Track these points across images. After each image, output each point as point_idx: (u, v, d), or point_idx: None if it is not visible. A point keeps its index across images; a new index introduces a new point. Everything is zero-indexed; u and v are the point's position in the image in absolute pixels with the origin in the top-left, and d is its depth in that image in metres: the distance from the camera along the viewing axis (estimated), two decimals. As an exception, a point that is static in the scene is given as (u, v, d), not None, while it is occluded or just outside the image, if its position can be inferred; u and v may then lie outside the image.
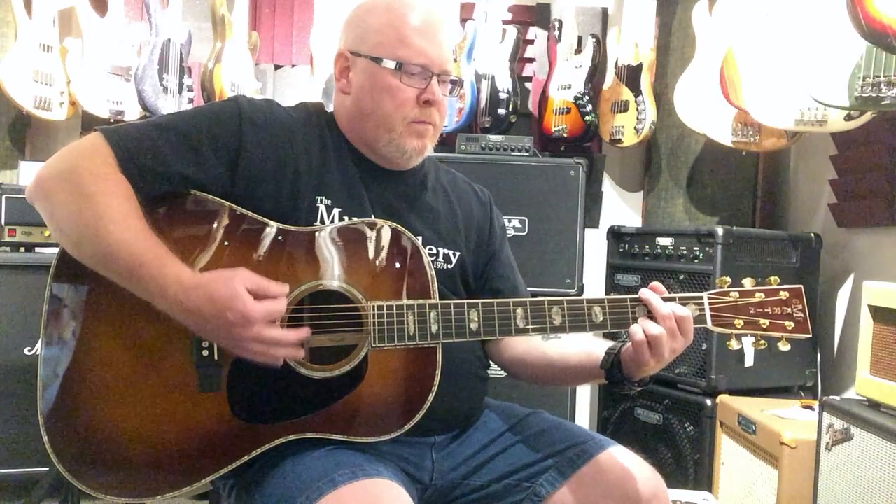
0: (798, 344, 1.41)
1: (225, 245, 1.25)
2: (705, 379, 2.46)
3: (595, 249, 3.06)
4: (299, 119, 1.37)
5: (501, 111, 3.15)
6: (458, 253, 1.45)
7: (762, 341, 1.32)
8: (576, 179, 2.60)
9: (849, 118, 2.37)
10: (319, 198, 1.32)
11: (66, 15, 3.14)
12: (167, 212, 1.25)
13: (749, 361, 2.48)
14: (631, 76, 3.14)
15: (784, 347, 1.31)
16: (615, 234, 2.89)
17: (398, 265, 1.29)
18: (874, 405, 1.83)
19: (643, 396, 2.66)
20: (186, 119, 1.29)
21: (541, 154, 2.86)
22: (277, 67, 3.48)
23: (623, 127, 3.15)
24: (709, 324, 1.30)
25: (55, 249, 1.24)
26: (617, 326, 1.29)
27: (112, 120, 3.01)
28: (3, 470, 2.34)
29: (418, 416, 1.25)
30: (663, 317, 1.25)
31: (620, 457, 1.34)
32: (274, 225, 1.27)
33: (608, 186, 3.49)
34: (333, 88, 1.46)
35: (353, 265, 1.27)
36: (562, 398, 2.54)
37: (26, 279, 2.36)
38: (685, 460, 2.51)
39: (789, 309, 1.31)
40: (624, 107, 3.14)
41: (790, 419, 2.17)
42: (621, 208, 3.48)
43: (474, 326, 1.27)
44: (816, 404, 2.04)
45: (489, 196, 1.59)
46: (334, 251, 1.27)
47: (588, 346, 1.37)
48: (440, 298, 1.29)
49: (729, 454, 2.36)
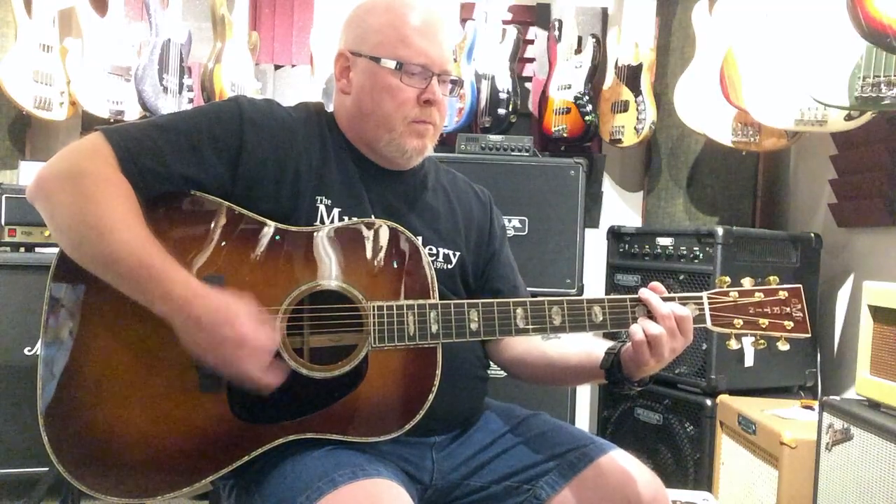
0: (798, 344, 1.41)
1: (224, 245, 1.25)
2: (705, 379, 2.46)
3: (595, 249, 3.06)
4: (299, 119, 1.37)
5: (501, 111, 3.15)
6: (458, 253, 1.45)
7: (761, 341, 1.32)
8: (576, 179, 2.60)
9: (849, 118, 2.38)
10: (319, 198, 1.32)
11: (66, 15, 3.14)
12: (167, 212, 1.25)
13: (749, 361, 2.49)
14: (631, 76, 3.14)
15: (783, 347, 1.31)
16: (615, 234, 2.89)
17: (398, 265, 1.29)
18: (874, 405, 1.83)
19: (643, 396, 2.66)
20: (187, 119, 1.29)
21: (541, 154, 2.86)
22: (277, 67, 3.48)
23: (623, 127, 3.15)
24: (708, 323, 1.30)
25: (55, 249, 1.23)
26: (617, 326, 1.29)
27: (112, 120, 3.01)
28: (3, 470, 2.35)
29: (418, 416, 1.25)
30: (663, 316, 1.25)
31: (621, 460, 1.34)
32: (273, 225, 1.26)
33: (608, 186, 3.49)
34: (333, 88, 1.46)
35: (353, 265, 1.27)
36: (562, 398, 2.54)
37: (26, 279, 2.36)
38: (685, 460, 2.52)
39: (788, 308, 1.31)
40: (624, 107, 3.15)
41: (790, 419, 2.17)
42: (621, 208, 3.48)
43: (474, 326, 1.27)
44: (816, 404, 2.05)
45: (489, 196, 1.59)
46: (334, 251, 1.27)
47: (588, 346, 1.37)
48: (440, 298, 1.29)
49: (729, 454, 2.36)
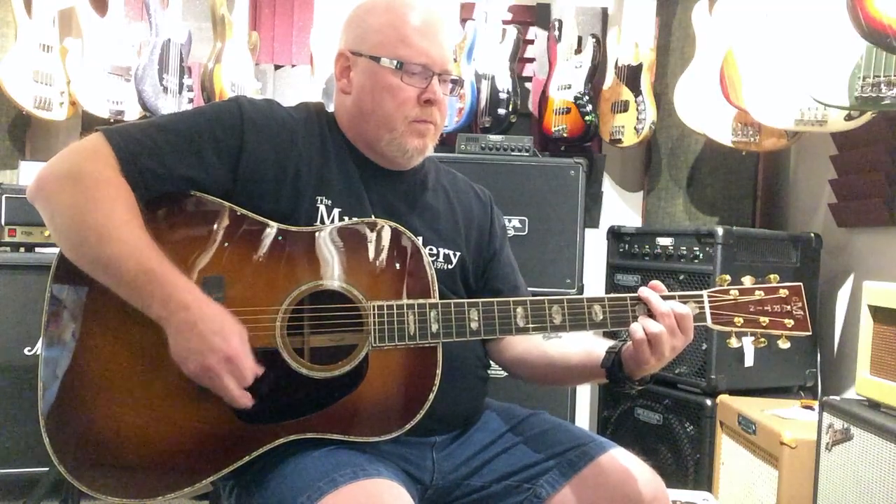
0: (798, 344, 1.41)
1: (225, 246, 1.25)
2: (705, 379, 2.46)
3: (595, 249, 3.06)
4: (300, 119, 1.37)
5: (501, 111, 3.15)
6: (459, 253, 1.45)
7: (762, 339, 1.32)
8: (576, 179, 2.60)
9: (849, 118, 2.37)
10: (319, 198, 1.32)
11: (66, 15, 3.14)
12: (168, 213, 1.25)
13: (749, 361, 2.48)
14: (631, 76, 3.14)
15: (784, 345, 1.31)
16: (615, 234, 2.89)
17: (398, 265, 1.29)
18: (874, 405, 1.83)
19: (643, 396, 2.66)
20: (187, 120, 1.29)
21: (541, 154, 2.86)
22: (277, 67, 3.48)
23: (623, 127, 3.15)
24: (709, 322, 1.30)
25: (55, 249, 1.23)
26: (617, 325, 1.29)
27: (112, 120, 3.01)
28: (3, 470, 2.34)
29: (419, 416, 1.25)
30: (663, 314, 1.25)
31: (621, 459, 1.34)
32: (274, 225, 1.27)
33: (608, 186, 3.49)
34: (334, 88, 1.46)
35: (354, 265, 1.27)
36: (562, 398, 2.54)
37: (26, 279, 2.36)
38: (685, 460, 2.51)
39: (789, 307, 1.31)
40: (624, 107, 3.15)
41: (790, 419, 2.17)
42: (621, 208, 3.48)
43: (474, 326, 1.27)
44: (816, 404, 2.05)
45: (489, 196, 1.59)
46: (334, 251, 1.27)
47: (589, 346, 1.37)
48: (440, 298, 1.29)
49: (729, 454, 2.36)
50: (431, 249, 1.40)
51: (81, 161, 1.20)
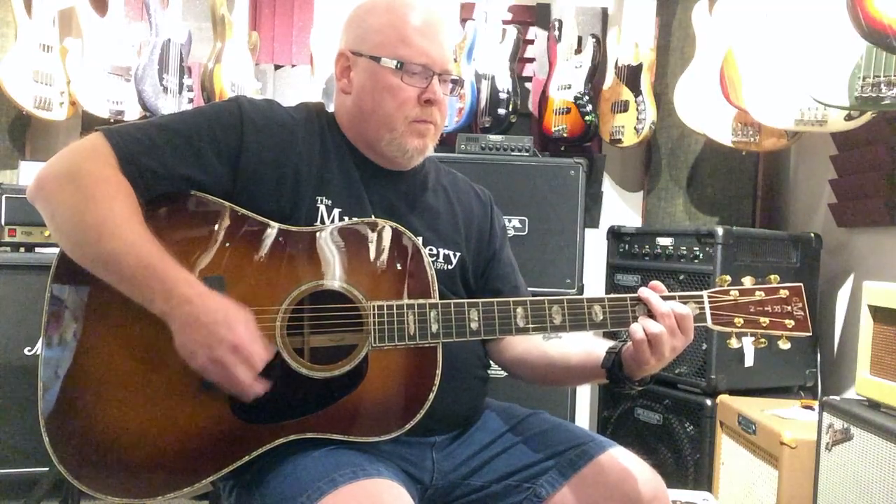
0: (798, 344, 1.41)
1: (226, 246, 1.25)
2: (705, 379, 2.46)
3: (595, 249, 3.06)
4: (300, 119, 1.37)
5: (501, 111, 3.15)
6: (459, 253, 1.45)
7: (762, 339, 1.32)
8: (576, 179, 2.60)
9: (849, 118, 2.38)
10: (320, 198, 1.32)
11: (66, 15, 3.14)
12: (168, 213, 1.25)
13: (749, 361, 2.48)
14: (631, 76, 3.14)
15: (784, 346, 1.31)
16: (615, 234, 2.89)
17: (398, 265, 1.29)
18: (874, 405, 1.83)
19: (643, 396, 2.66)
20: (187, 120, 1.29)
21: (541, 154, 2.86)
22: (277, 67, 3.48)
23: (623, 127, 3.15)
24: (709, 322, 1.30)
25: (55, 249, 1.23)
26: (617, 325, 1.29)
27: (112, 120, 3.01)
28: (3, 470, 2.34)
29: (419, 416, 1.25)
30: (663, 315, 1.25)
31: (621, 458, 1.34)
32: (274, 225, 1.27)
33: (608, 186, 3.49)
34: (334, 88, 1.46)
35: (354, 265, 1.27)
36: (562, 398, 2.54)
37: (26, 279, 2.36)
38: (685, 460, 2.52)
39: (789, 307, 1.31)
40: (624, 107, 3.15)
41: (790, 419, 2.17)
42: (621, 208, 3.48)
43: (474, 326, 1.27)
44: (816, 404, 2.05)
45: (490, 196, 1.59)
46: (335, 251, 1.27)
47: (589, 346, 1.37)
48: (440, 299, 1.28)
49: (729, 454, 2.36)
50: (431, 250, 1.40)
51: (81, 160, 1.20)
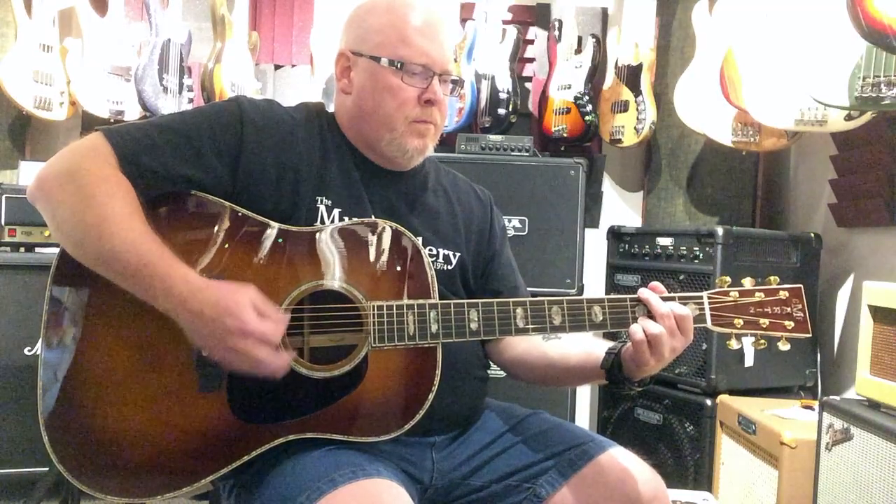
0: (798, 344, 1.41)
1: (226, 246, 1.25)
2: (705, 379, 2.46)
3: (595, 249, 3.06)
4: (300, 119, 1.37)
5: (501, 111, 3.15)
6: (458, 254, 1.45)
7: (762, 341, 1.32)
8: (576, 179, 2.60)
9: (849, 118, 2.38)
10: (319, 198, 1.32)
11: (66, 15, 3.14)
12: (168, 212, 1.25)
13: (749, 361, 2.48)
14: (631, 76, 3.14)
15: (784, 347, 1.31)
16: (615, 234, 2.89)
17: (398, 265, 1.29)
18: (874, 405, 1.83)
19: (643, 396, 2.66)
20: (187, 119, 1.29)
21: (541, 154, 2.86)
22: (277, 67, 3.48)
23: (623, 127, 3.15)
24: (708, 323, 1.30)
25: (55, 249, 1.24)
26: (617, 326, 1.29)
27: (112, 120, 3.02)
28: (3, 470, 2.34)
29: (418, 416, 1.25)
30: (662, 315, 1.25)
31: (621, 458, 1.34)
32: (274, 225, 1.27)
33: (608, 186, 3.49)
34: (334, 88, 1.46)
35: (354, 265, 1.27)
36: (562, 398, 2.54)
37: (26, 279, 2.36)
38: (685, 460, 2.52)
39: (789, 308, 1.31)
40: (624, 107, 3.15)
41: (790, 419, 2.17)
42: (621, 208, 3.48)
43: (474, 326, 1.27)
44: (816, 404, 2.04)
45: (489, 197, 1.59)
46: (334, 251, 1.27)
47: (588, 347, 1.37)
48: (440, 299, 1.28)
49: (729, 454, 2.36)
50: (431, 250, 1.40)
51: (81, 159, 1.20)
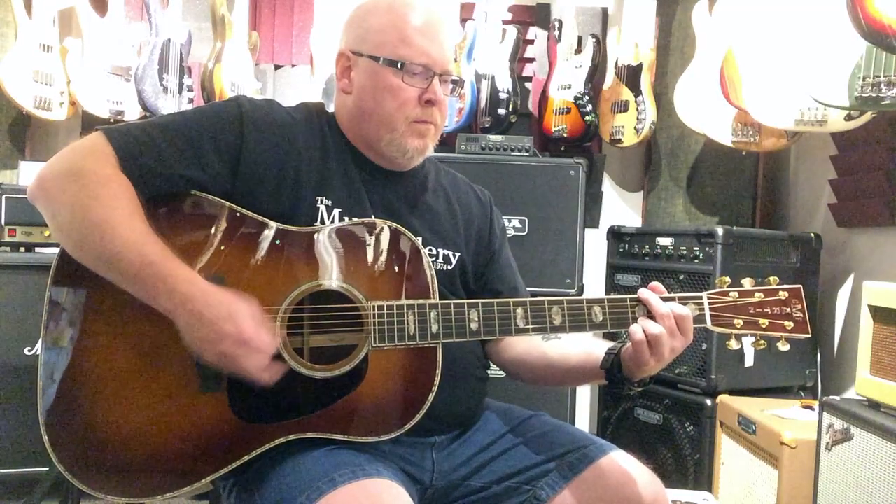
0: (798, 344, 1.41)
1: (225, 246, 1.25)
2: (705, 379, 2.46)
3: (595, 249, 3.06)
4: (300, 119, 1.37)
5: (501, 111, 3.15)
6: (458, 254, 1.45)
7: (762, 341, 1.32)
8: (576, 179, 2.60)
9: (849, 118, 2.38)
10: (320, 198, 1.32)
11: (66, 15, 3.14)
12: (168, 212, 1.25)
13: (749, 361, 2.49)
14: (631, 76, 3.14)
15: (783, 347, 1.31)
16: (615, 234, 2.89)
17: (398, 266, 1.29)
18: (874, 405, 1.83)
19: (643, 396, 2.66)
20: (188, 119, 1.29)
21: (541, 154, 2.86)
22: (277, 67, 3.48)
23: (623, 127, 3.15)
24: (708, 323, 1.30)
25: (55, 249, 1.23)
26: (617, 326, 1.29)
27: (112, 120, 3.02)
28: (3, 470, 2.35)
29: (418, 416, 1.25)
30: (662, 316, 1.25)
31: (621, 461, 1.34)
32: (274, 226, 1.27)
33: (608, 186, 3.49)
34: (334, 88, 1.46)
35: (354, 265, 1.27)
36: (562, 398, 2.54)
37: (26, 279, 2.36)
38: (685, 460, 2.52)
39: (788, 309, 1.31)
40: (624, 107, 3.15)
41: (790, 419, 2.17)
42: (621, 208, 3.48)
43: (474, 326, 1.27)
44: (816, 404, 2.05)
45: (489, 197, 1.59)
46: (334, 251, 1.27)
47: (588, 347, 1.37)
48: (440, 299, 1.28)
49: (729, 454, 2.36)
50: (431, 250, 1.40)
51: (81, 159, 1.20)
